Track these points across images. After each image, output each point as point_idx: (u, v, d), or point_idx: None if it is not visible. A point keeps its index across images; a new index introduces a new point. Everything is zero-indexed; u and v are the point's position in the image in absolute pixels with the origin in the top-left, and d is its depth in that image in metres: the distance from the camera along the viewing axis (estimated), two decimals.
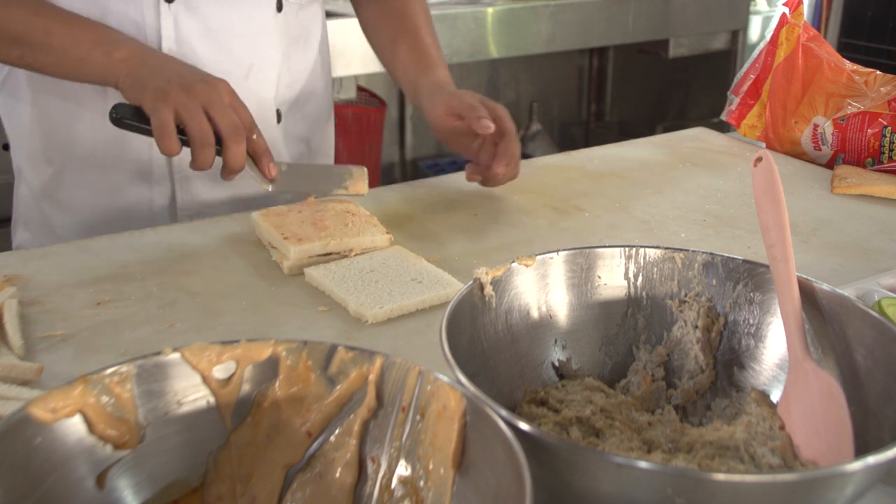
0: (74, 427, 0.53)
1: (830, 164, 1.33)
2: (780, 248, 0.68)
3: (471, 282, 0.69)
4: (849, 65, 1.36)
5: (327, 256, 0.97)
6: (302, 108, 1.27)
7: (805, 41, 1.37)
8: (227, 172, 0.98)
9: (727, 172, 1.30)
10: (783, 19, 1.38)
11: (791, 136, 1.38)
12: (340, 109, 2.67)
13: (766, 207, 0.70)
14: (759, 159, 0.73)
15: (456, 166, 3.28)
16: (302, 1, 1.22)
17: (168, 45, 1.10)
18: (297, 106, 1.26)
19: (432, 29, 1.29)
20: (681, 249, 0.75)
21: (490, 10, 2.74)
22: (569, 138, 3.70)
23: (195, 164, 0.97)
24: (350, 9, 1.35)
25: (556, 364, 0.73)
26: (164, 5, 1.09)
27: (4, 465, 0.49)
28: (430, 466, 0.55)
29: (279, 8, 1.18)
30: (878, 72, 1.34)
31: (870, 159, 1.30)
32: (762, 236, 0.70)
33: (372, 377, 0.58)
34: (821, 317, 0.68)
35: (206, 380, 0.57)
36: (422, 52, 1.24)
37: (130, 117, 0.97)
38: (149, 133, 0.96)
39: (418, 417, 0.56)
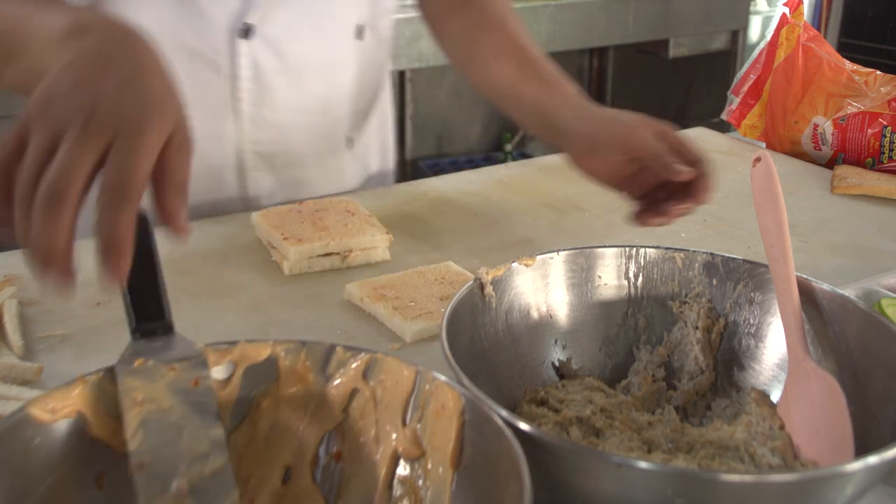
0: (73, 427, 0.53)
1: (830, 164, 1.33)
2: (779, 249, 0.68)
3: (471, 282, 0.69)
4: (849, 65, 1.36)
5: (327, 257, 0.97)
6: (367, 130, 1.22)
7: (805, 41, 1.37)
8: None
9: (727, 172, 1.30)
10: (783, 19, 1.38)
11: (791, 136, 1.38)
12: None
13: (765, 208, 0.70)
14: (758, 160, 0.73)
15: (456, 166, 3.28)
16: (381, 26, 1.15)
17: (244, 85, 1.04)
18: (365, 129, 1.22)
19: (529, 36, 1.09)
20: (681, 249, 0.75)
21: None
22: None
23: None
24: None
25: (557, 364, 0.73)
26: (240, 42, 1.01)
27: (4, 465, 0.49)
28: (429, 466, 0.55)
29: (359, 36, 1.11)
30: (878, 72, 1.34)
31: (870, 159, 1.30)
32: (762, 236, 0.70)
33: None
34: (821, 317, 0.68)
35: None
36: (535, 65, 1.04)
37: None
38: None
39: (417, 416, 0.56)
